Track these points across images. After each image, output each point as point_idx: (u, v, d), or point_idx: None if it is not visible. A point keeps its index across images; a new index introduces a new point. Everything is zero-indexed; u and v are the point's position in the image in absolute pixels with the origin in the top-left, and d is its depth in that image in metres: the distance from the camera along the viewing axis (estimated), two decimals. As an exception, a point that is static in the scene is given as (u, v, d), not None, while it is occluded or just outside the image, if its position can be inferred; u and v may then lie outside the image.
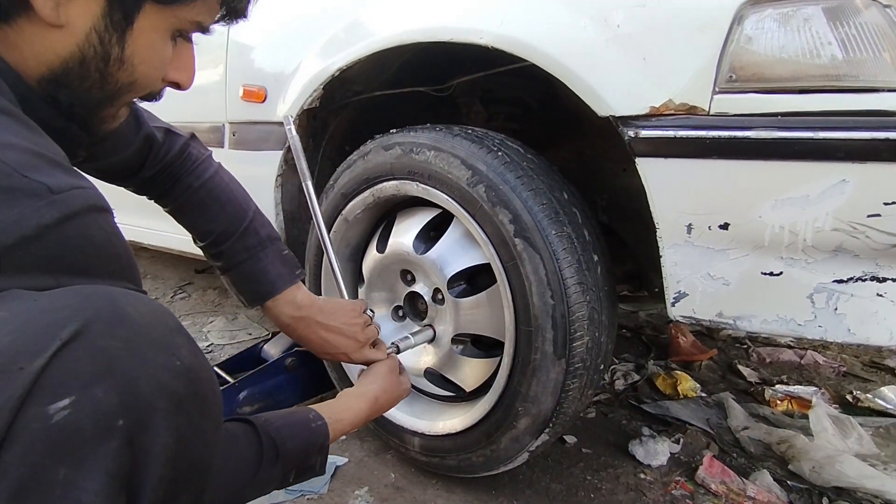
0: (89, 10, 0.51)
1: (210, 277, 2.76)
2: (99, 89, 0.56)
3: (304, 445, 0.72)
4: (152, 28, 0.55)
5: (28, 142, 0.47)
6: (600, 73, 0.91)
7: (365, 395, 0.86)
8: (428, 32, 1.08)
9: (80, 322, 0.42)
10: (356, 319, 0.95)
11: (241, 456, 0.65)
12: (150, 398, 0.44)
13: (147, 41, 0.55)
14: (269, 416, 0.71)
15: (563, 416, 1.06)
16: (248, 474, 0.65)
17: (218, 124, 1.51)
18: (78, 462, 0.40)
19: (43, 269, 0.45)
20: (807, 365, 1.90)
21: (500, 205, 1.00)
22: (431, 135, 1.10)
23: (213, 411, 0.51)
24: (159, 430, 0.44)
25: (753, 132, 0.79)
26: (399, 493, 1.23)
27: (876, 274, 0.80)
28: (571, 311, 0.98)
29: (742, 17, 0.80)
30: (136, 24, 0.53)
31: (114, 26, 0.52)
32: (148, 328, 0.46)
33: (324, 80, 1.24)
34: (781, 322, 0.86)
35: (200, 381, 0.49)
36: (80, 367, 0.41)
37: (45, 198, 0.45)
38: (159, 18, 0.55)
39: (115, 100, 0.59)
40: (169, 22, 0.56)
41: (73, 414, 0.40)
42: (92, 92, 0.56)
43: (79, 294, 0.45)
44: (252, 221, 0.92)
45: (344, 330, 0.93)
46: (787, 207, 0.80)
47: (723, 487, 1.23)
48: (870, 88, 0.76)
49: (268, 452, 0.67)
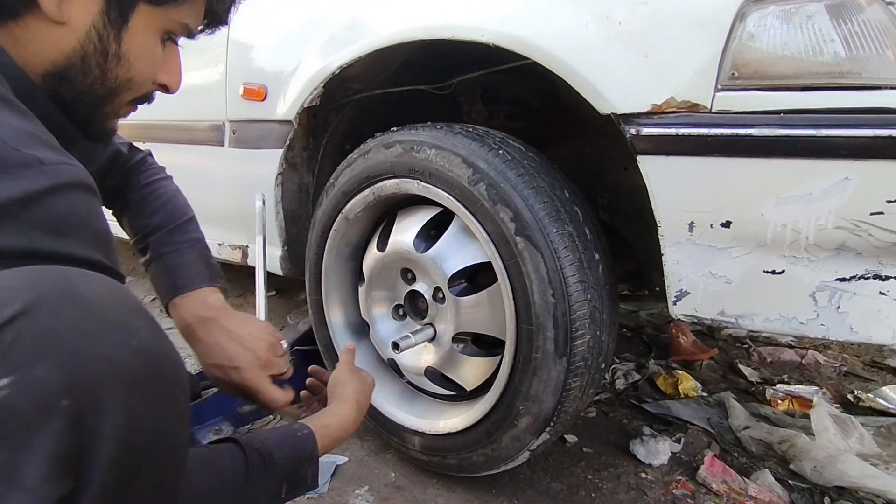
0: (89, 9, 0.55)
1: (210, 276, 2.75)
2: (101, 85, 0.60)
3: (292, 454, 0.70)
4: (145, 27, 0.59)
5: (23, 124, 0.49)
6: (602, 71, 0.90)
7: (346, 400, 0.84)
8: (428, 30, 1.08)
9: (26, 301, 0.41)
10: (264, 336, 0.86)
11: (226, 469, 0.64)
12: (99, 378, 0.42)
13: (141, 39, 0.60)
14: (253, 433, 0.71)
15: (564, 414, 1.05)
16: (237, 487, 0.64)
17: (218, 122, 1.51)
18: (18, 445, 0.38)
19: (22, 230, 0.45)
20: (808, 364, 1.89)
21: (501, 203, 0.99)
22: (432, 133, 1.10)
23: (175, 394, 0.48)
24: (109, 411, 0.42)
25: (756, 130, 0.79)
26: (399, 493, 1.22)
27: (879, 272, 0.80)
28: (573, 310, 0.98)
29: (744, 14, 0.80)
30: (131, 22, 0.58)
31: (111, 24, 0.57)
32: (103, 308, 0.44)
33: (324, 78, 1.24)
34: (784, 320, 0.85)
35: (159, 361, 0.47)
36: (22, 346, 0.40)
37: (35, 167, 0.46)
38: (151, 18, 0.60)
39: (116, 97, 0.63)
40: (160, 22, 0.61)
41: (11, 394, 0.38)
42: (94, 87, 0.59)
43: (30, 273, 0.43)
44: (187, 222, 0.94)
45: (246, 340, 0.83)
46: (789, 205, 0.80)
47: (724, 487, 1.22)
48: (873, 86, 0.76)
49: (254, 463, 0.66)
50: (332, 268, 1.33)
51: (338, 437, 0.80)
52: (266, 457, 0.67)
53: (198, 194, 1.69)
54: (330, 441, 0.78)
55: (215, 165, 1.57)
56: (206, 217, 1.69)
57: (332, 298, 1.36)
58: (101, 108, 0.62)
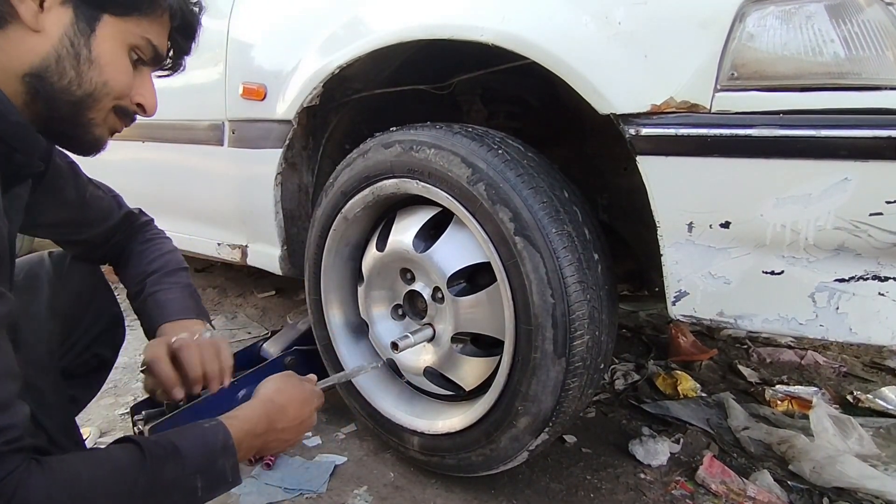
0: (61, 20, 0.63)
1: (209, 276, 2.75)
2: (77, 86, 0.65)
3: (200, 443, 0.69)
4: (111, 36, 0.66)
5: None
6: (601, 71, 0.90)
7: (258, 395, 0.85)
8: (428, 30, 1.07)
9: None
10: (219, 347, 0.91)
11: (114, 458, 0.63)
12: None
13: (109, 47, 0.66)
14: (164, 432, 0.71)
15: (563, 415, 1.05)
16: (132, 475, 0.61)
17: (217, 122, 1.51)
18: None
19: None
20: (807, 365, 1.89)
21: (501, 203, 0.99)
22: (431, 133, 1.09)
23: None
24: None
25: (755, 130, 0.79)
26: (398, 492, 1.22)
27: (878, 273, 0.79)
28: (572, 310, 0.98)
29: (744, 15, 0.80)
30: (98, 31, 0.65)
31: (80, 32, 0.64)
32: None
33: (324, 77, 1.24)
34: (783, 321, 0.85)
35: None
36: None
37: None
38: (115, 29, 0.67)
39: (96, 102, 0.68)
40: (124, 35, 0.68)
41: None
42: (71, 88, 0.65)
43: None
44: (181, 270, 1.02)
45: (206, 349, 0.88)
46: (788, 206, 0.80)
47: (723, 487, 1.22)
48: (872, 86, 0.75)
49: (152, 452, 0.64)
50: (331, 268, 1.33)
51: (248, 430, 0.76)
52: (166, 446, 0.66)
53: (197, 194, 1.70)
54: (242, 434, 0.74)
55: (215, 165, 1.57)
56: (205, 217, 1.70)
57: (332, 298, 1.36)
58: (83, 111, 0.67)
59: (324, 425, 1.47)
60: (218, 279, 2.70)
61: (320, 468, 1.29)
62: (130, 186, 1.93)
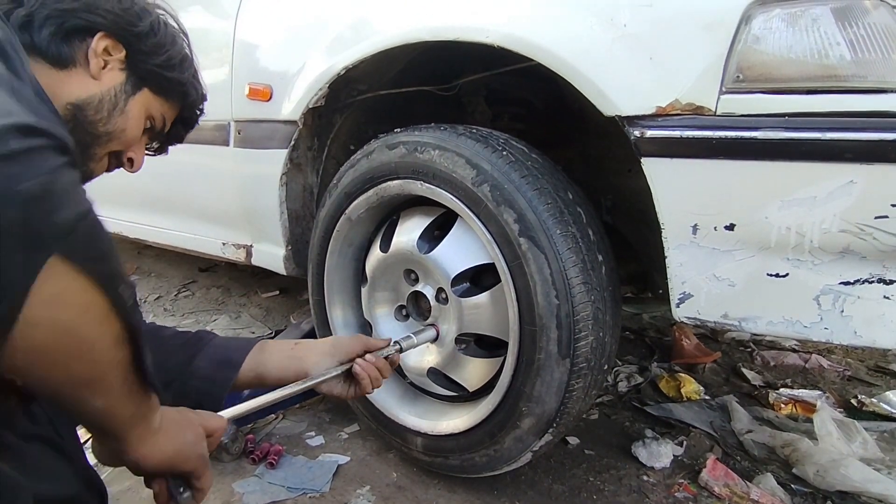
0: (115, 78, 0.80)
1: (213, 276, 2.76)
2: (103, 125, 0.79)
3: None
4: (142, 103, 0.83)
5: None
6: (606, 73, 0.90)
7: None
8: (434, 31, 1.08)
9: None
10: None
11: None
12: None
13: (137, 109, 0.83)
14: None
15: (566, 416, 1.05)
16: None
17: (223, 122, 1.51)
18: None
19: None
20: (811, 368, 1.89)
21: (505, 204, 0.99)
22: (436, 134, 1.10)
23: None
24: None
25: (760, 132, 0.79)
26: (401, 493, 1.22)
27: (883, 276, 0.79)
28: (576, 311, 0.98)
29: (750, 17, 0.80)
30: (136, 96, 0.82)
31: (125, 91, 0.81)
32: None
33: (329, 78, 1.25)
34: (787, 324, 0.85)
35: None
36: None
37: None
38: (147, 99, 0.84)
39: (108, 142, 0.81)
40: (150, 105, 0.85)
41: None
42: (98, 124, 0.78)
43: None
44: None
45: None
46: (793, 208, 0.80)
47: (726, 490, 1.22)
48: (878, 89, 0.76)
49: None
50: (334, 268, 1.33)
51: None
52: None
53: (202, 194, 1.70)
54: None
55: (220, 165, 1.58)
56: (210, 216, 1.71)
57: (335, 299, 1.36)
58: (96, 144, 0.80)
59: (327, 425, 1.48)
60: (222, 279, 2.71)
61: (323, 468, 1.29)
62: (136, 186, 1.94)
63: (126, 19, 0.79)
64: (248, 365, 0.89)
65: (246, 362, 0.89)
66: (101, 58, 0.78)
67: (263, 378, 0.90)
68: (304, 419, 1.50)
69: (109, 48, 0.78)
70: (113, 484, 1.22)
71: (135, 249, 3.12)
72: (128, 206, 2.02)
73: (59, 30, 0.74)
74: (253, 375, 0.90)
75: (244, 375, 0.89)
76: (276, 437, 1.42)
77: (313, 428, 1.46)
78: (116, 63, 0.80)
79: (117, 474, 1.25)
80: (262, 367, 0.90)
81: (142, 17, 0.81)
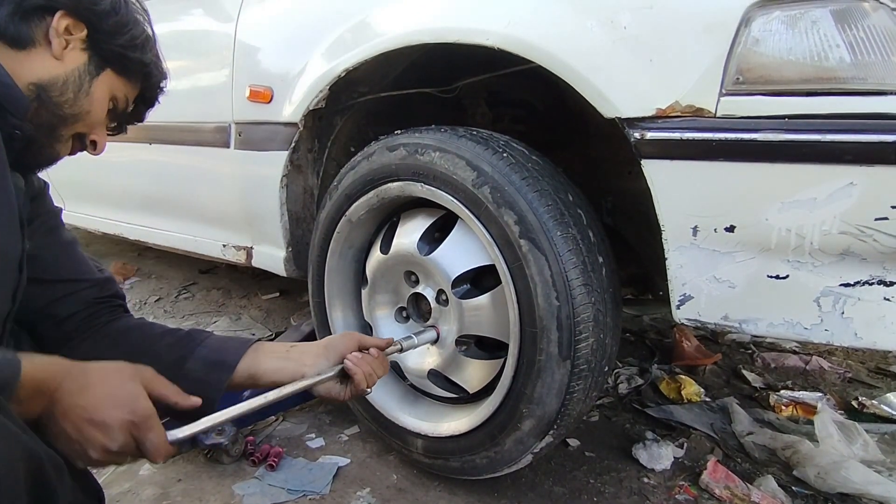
0: (78, 58, 0.79)
1: (214, 278, 2.76)
2: (69, 106, 0.79)
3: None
4: (105, 84, 0.83)
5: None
6: (606, 75, 0.90)
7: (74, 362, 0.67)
8: (434, 33, 1.08)
9: None
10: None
11: None
12: None
13: (101, 89, 0.82)
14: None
15: (567, 417, 1.05)
16: None
17: (224, 124, 1.51)
18: None
19: None
20: (812, 370, 1.88)
21: (506, 206, 0.99)
22: (436, 136, 1.10)
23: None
24: None
25: (760, 134, 0.79)
26: (401, 495, 1.22)
27: (883, 278, 0.79)
28: (576, 313, 0.98)
29: (749, 19, 0.80)
30: (100, 76, 0.82)
31: (88, 72, 0.80)
32: None
33: (330, 80, 1.25)
34: (787, 325, 0.85)
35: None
36: None
37: None
38: (110, 79, 0.83)
39: (73, 123, 0.80)
40: (114, 86, 0.84)
41: None
42: (63, 106, 0.78)
43: None
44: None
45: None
46: (793, 210, 0.80)
47: (727, 492, 1.22)
48: (878, 91, 0.76)
49: None
50: (334, 270, 1.33)
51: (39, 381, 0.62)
52: None
53: (203, 195, 1.71)
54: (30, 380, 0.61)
55: (221, 167, 1.58)
56: (210, 218, 1.71)
57: (335, 301, 1.36)
58: (61, 126, 0.79)
59: (327, 427, 1.47)
60: (222, 280, 2.71)
61: (323, 469, 1.29)
62: (136, 188, 1.95)
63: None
64: (243, 366, 0.88)
65: (240, 364, 0.88)
66: (62, 37, 0.77)
67: (257, 380, 0.89)
68: (305, 421, 1.50)
69: (70, 27, 0.77)
70: (113, 486, 1.22)
71: (135, 251, 3.12)
72: (128, 208, 2.02)
73: (18, 8, 0.73)
74: (246, 376, 0.89)
75: (238, 377, 0.88)
76: (276, 438, 1.42)
77: (313, 430, 1.46)
78: (78, 42, 0.79)
79: (117, 476, 1.25)
80: (256, 369, 0.89)
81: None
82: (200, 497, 1.21)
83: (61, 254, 0.91)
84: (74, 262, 0.93)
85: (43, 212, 0.89)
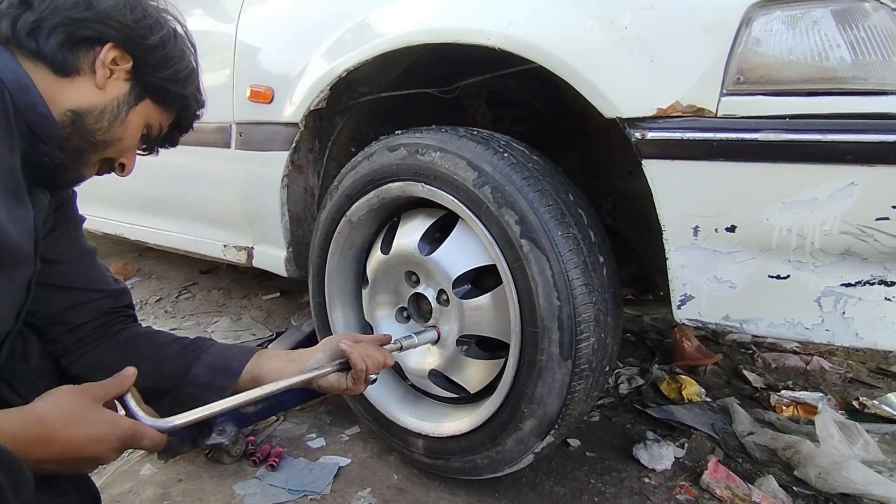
0: (119, 88, 0.80)
1: (214, 278, 2.76)
2: (102, 133, 0.79)
3: None
4: (142, 113, 0.83)
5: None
6: (607, 75, 0.90)
7: (31, 404, 0.65)
8: (435, 34, 1.08)
9: None
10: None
11: None
12: None
13: (137, 119, 0.83)
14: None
15: (568, 417, 1.05)
16: None
17: (225, 124, 1.52)
18: None
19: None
20: (813, 371, 1.88)
21: (506, 206, 0.99)
22: (437, 136, 1.10)
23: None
24: None
25: (761, 134, 0.79)
26: (402, 495, 1.22)
27: (884, 278, 0.79)
28: (577, 313, 0.98)
29: (750, 19, 0.80)
30: (138, 106, 0.82)
31: (127, 101, 0.81)
32: None
33: (330, 81, 1.25)
34: (788, 326, 0.85)
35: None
36: None
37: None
38: (147, 109, 0.84)
39: (105, 148, 0.81)
40: (150, 115, 0.85)
41: None
42: (96, 132, 0.78)
43: None
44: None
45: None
46: (794, 210, 0.80)
47: (728, 493, 1.22)
48: (879, 91, 0.76)
49: None
50: (335, 270, 1.33)
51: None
52: None
53: (204, 196, 1.71)
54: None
55: (221, 167, 1.58)
56: (211, 218, 1.71)
57: (336, 301, 1.36)
58: (91, 151, 0.80)
59: (328, 427, 1.47)
60: (223, 281, 2.71)
61: (324, 470, 1.29)
62: (137, 188, 1.95)
63: (137, 32, 0.78)
64: (247, 372, 0.91)
65: (245, 370, 0.91)
66: (107, 68, 0.77)
67: (260, 382, 0.90)
68: (305, 421, 1.50)
69: (118, 59, 0.78)
70: (113, 486, 1.22)
71: (136, 251, 3.12)
72: (129, 208, 2.02)
73: (69, 38, 0.74)
74: (249, 379, 0.91)
75: (242, 382, 0.90)
76: (276, 439, 1.42)
77: (314, 430, 1.46)
78: (122, 73, 0.79)
79: (118, 476, 1.25)
80: (259, 371, 0.91)
81: (153, 30, 0.80)
82: (201, 497, 1.21)
83: (80, 263, 0.92)
84: (92, 271, 0.93)
85: (67, 220, 0.90)
